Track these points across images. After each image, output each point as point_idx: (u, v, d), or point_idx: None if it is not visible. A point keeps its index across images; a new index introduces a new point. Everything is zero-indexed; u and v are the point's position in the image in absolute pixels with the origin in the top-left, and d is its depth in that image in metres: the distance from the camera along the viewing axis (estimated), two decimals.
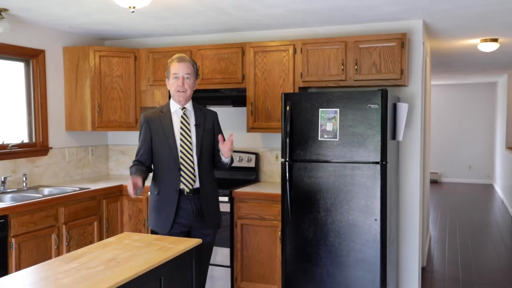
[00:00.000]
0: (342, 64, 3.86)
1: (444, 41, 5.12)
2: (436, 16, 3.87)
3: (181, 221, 2.93)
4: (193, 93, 3.02)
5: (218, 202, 3.14)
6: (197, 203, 2.95)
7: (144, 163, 2.99)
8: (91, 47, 4.39)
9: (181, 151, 2.91)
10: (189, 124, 2.95)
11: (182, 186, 2.92)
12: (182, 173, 2.90)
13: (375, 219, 3.36)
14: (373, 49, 3.78)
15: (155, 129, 2.96)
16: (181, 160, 2.90)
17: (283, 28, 4.30)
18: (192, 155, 2.92)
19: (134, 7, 3.04)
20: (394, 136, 3.71)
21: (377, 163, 3.35)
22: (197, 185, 2.95)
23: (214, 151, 3.03)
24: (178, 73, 2.94)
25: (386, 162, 3.36)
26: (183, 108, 2.98)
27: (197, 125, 2.96)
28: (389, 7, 3.56)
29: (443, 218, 7.57)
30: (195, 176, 2.93)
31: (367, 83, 3.84)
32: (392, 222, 3.70)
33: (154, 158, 2.98)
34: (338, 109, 3.43)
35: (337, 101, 3.43)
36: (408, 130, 4.01)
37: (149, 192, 3.11)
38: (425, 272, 4.85)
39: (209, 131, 3.01)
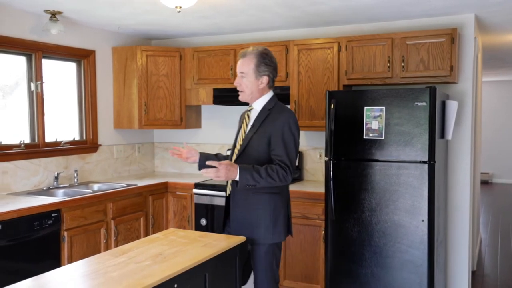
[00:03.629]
0: (388, 61, 3.77)
1: (497, 35, 4.90)
2: (489, 10, 3.71)
3: (228, 226, 2.71)
4: (260, 93, 2.61)
5: (255, 216, 2.55)
6: (229, 209, 2.66)
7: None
8: (139, 47, 4.50)
9: (234, 151, 2.67)
10: (247, 125, 2.65)
11: (228, 186, 2.69)
12: None
13: (422, 220, 3.26)
14: (421, 45, 3.67)
15: (239, 125, 2.77)
16: (233, 159, 2.64)
17: (327, 25, 4.26)
18: (235, 156, 2.64)
19: (180, 7, 3.10)
20: (442, 135, 3.59)
21: (424, 162, 3.26)
22: (230, 191, 2.64)
23: (265, 161, 2.53)
24: (237, 70, 2.64)
25: (434, 162, 3.26)
26: (250, 107, 2.68)
27: (252, 126, 2.62)
28: (440, 2, 3.44)
29: (494, 221, 7.26)
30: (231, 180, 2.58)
31: (414, 80, 3.74)
32: (440, 224, 3.58)
33: None
34: (384, 107, 3.35)
35: (382, 99, 3.36)
36: (457, 128, 3.87)
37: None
38: (476, 277, 4.67)
39: (262, 134, 2.54)
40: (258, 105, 2.63)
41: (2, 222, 3.00)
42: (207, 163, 2.44)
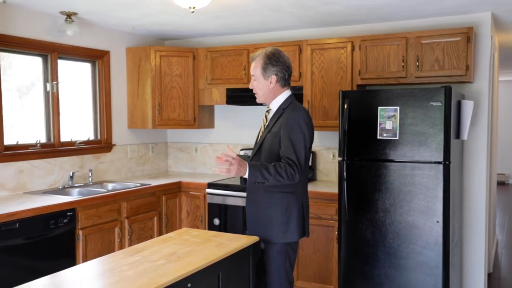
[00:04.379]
0: (403, 60, 3.74)
1: None
2: (506, 8, 3.66)
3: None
4: (273, 94, 2.62)
5: (268, 215, 2.56)
6: (245, 208, 2.70)
7: None
8: (152, 47, 4.53)
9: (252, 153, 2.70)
10: (264, 125, 2.69)
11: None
12: None
13: (437, 221, 3.23)
14: (436, 45, 3.63)
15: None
16: (251, 161, 2.63)
17: (340, 25, 4.24)
18: (251, 158, 2.68)
19: (194, 8, 3.11)
20: (458, 135, 3.55)
21: (439, 163, 3.23)
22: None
23: (277, 158, 2.53)
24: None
25: (449, 162, 3.22)
26: (268, 108, 2.70)
27: (267, 126, 2.65)
28: (455, 1, 3.41)
29: (511, 222, 7.16)
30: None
31: (429, 80, 3.71)
32: (455, 225, 3.54)
33: None
34: (398, 107, 3.33)
35: (397, 98, 3.33)
36: (473, 128, 3.83)
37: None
38: (492, 279, 4.61)
39: (274, 134, 2.56)
40: (274, 105, 2.65)
41: (18, 221, 3.04)
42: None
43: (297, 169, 2.46)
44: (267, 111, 2.70)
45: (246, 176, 2.42)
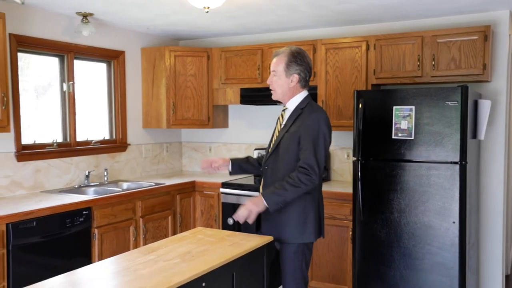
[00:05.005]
0: (418, 59, 3.71)
1: None
2: None
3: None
4: (291, 93, 2.60)
5: (285, 216, 2.54)
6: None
7: (259, 157, 2.91)
8: (167, 47, 4.56)
9: (269, 152, 2.66)
10: (280, 125, 2.65)
11: (261, 186, 2.71)
12: (264, 174, 2.68)
13: (453, 222, 3.19)
14: (452, 44, 3.59)
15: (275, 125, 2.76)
16: (267, 161, 2.65)
17: (355, 24, 4.21)
18: (267, 157, 2.66)
19: (208, 7, 3.12)
20: (474, 135, 3.50)
21: (455, 163, 3.19)
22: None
23: (297, 160, 2.51)
24: (270, 69, 2.65)
25: (466, 162, 3.18)
26: (284, 107, 2.67)
27: (284, 126, 2.62)
28: None
29: None
30: (263, 179, 2.67)
31: (445, 79, 3.66)
32: (472, 226, 3.50)
33: None
34: (413, 107, 3.30)
35: (412, 98, 3.30)
36: (490, 128, 3.77)
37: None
38: (510, 281, 4.54)
39: (292, 133, 2.53)
40: (291, 104, 2.62)
41: (36, 219, 3.08)
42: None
43: (315, 172, 2.45)
44: (283, 110, 2.68)
45: (266, 204, 2.45)
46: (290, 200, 2.47)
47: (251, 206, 2.47)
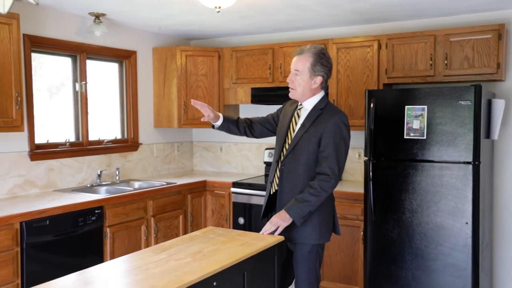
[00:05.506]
0: (431, 59, 3.68)
1: None
2: None
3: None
4: (311, 93, 2.56)
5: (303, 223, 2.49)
6: (274, 212, 2.60)
7: (246, 120, 2.83)
8: (178, 47, 4.57)
9: (282, 150, 2.61)
10: (296, 123, 2.59)
11: (273, 184, 2.65)
12: (277, 171, 2.61)
13: (466, 223, 3.16)
14: (466, 42, 3.56)
15: (282, 116, 2.72)
16: (281, 158, 2.59)
17: (366, 23, 4.19)
18: (282, 156, 2.60)
19: (219, 7, 3.12)
20: (488, 135, 3.47)
21: (468, 163, 3.16)
22: (276, 189, 2.62)
23: (315, 160, 2.50)
24: (291, 66, 2.58)
25: (479, 162, 3.15)
26: (300, 105, 2.62)
27: (302, 125, 2.56)
28: None
29: None
30: (277, 179, 2.61)
31: (458, 78, 3.63)
32: (485, 227, 3.46)
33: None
34: (425, 106, 3.27)
35: (424, 97, 3.28)
36: (504, 128, 3.73)
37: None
38: None
39: (312, 134, 2.49)
40: (309, 104, 2.58)
41: (49, 218, 3.12)
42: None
43: (336, 177, 2.46)
44: (299, 109, 2.63)
45: (291, 218, 2.45)
46: (314, 209, 2.47)
47: (278, 221, 2.46)
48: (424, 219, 3.29)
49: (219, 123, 2.75)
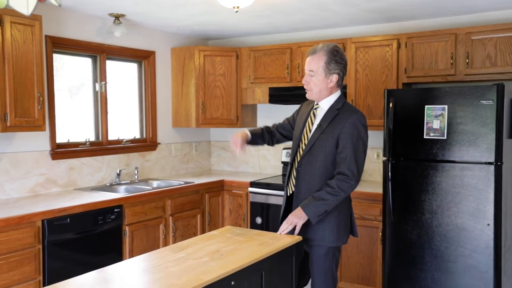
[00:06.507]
0: (451, 57, 3.62)
1: None
2: None
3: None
4: (328, 92, 2.52)
5: (320, 220, 2.45)
6: (290, 209, 2.59)
7: (271, 128, 2.86)
8: (196, 47, 4.60)
9: (298, 150, 2.58)
10: (312, 123, 2.56)
11: (290, 186, 2.63)
12: (293, 171, 2.59)
13: (488, 224, 3.11)
14: (488, 41, 3.49)
15: (299, 116, 2.71)
16: (297, 158, 2.57)
17: (386, 22, 4.15)
18: (299, 157, 2.56)
19: (238, 7, 3.13)
20: (510, 135, 3.40)
21: (490, 163, 3.10)
22: (293, 191, 2.60)
23: (333, 161, 2.47)
24: (305, 67, 2.55)
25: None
26: (317, 105, 2.58)
27: (318, 126, 2.52)
28: None
29: None
30: (294, 179, 2.58)
31: (479, 77, 3.57)
32: (507, 228, 3.39)
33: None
34: (446, 106, 3.22)
35: (444, 97, 3.23)
36: None
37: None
38: None
39: (330, 134, 2.45)
40: (325, 104, 2.54)
41: (69, 216, 3.16)
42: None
43: (355, 177, 2.43)
44: (315, 109, 2.59)
45: (307, 216, 2.43)
46: (331, 209, 2.44)
47: (295, 220, 2.44)
48: (444, 220, 3.24)
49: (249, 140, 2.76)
